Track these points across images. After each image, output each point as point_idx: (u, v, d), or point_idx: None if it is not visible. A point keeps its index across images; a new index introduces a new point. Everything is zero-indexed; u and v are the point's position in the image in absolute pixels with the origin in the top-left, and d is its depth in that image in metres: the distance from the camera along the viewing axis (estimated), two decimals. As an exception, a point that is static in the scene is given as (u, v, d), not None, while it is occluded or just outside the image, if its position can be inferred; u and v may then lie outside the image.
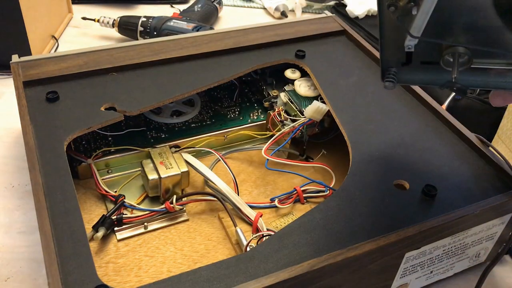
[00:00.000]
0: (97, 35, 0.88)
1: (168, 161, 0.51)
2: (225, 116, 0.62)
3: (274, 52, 0.62)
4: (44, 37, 0.80)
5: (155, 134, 0.58)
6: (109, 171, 0.54)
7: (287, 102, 0.59)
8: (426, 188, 0.45)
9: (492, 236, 0.48)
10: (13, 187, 0.57)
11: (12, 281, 0.47)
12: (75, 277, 0.36)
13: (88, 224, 0.47)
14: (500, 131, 0.57)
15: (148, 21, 0.82)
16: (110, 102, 0.52)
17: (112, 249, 0.47)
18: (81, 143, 0.55)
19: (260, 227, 0.48)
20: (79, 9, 0.93)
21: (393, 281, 0.45)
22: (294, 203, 0.52)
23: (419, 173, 0.47)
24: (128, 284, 0.43)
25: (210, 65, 0.58)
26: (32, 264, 0.48)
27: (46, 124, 0.48)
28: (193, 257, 0.47)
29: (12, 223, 0.52)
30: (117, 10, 0.96)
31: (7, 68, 0.66)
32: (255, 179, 0.56)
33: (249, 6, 1.03)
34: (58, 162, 0.44)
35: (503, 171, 0.48)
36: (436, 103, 0.56)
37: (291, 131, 0.56)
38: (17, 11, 0.69)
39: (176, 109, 0.61)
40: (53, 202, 0.41)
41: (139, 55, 0.58)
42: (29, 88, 0.52)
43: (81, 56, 0.57)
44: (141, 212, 0.49)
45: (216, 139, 0.59)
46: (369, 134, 0.51)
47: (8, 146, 0.62)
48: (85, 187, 0.52)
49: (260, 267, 0.38)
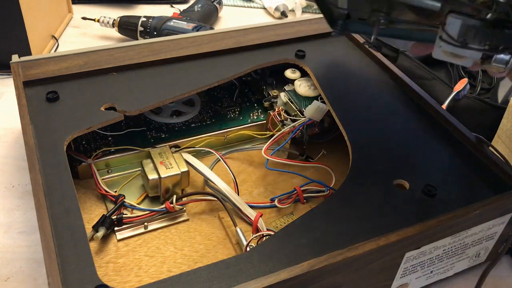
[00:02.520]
0: (97, 35, 0.88)
1: (168, 161, 0.51)
2: (225, 116, 0.62)
3: (274, 52, 0.62)
4: (44, 37, 0.81)
5: (155, 134, 0.58)
6: (109, 171, 0.54)
7: (287, 102, 0.59)
8: (426, 188, 0.45)
9: (492, 236, 0.48)
10: (13, 187, 0.57)
11: (12, 281, 0.47)
12: (75, 277, 0.36)
13: (88, 224, 0.47)
14: (500, 131, 0.57)
15: (148, 21, 0.82)
16: (110, 102, 0.52)
17: (112, 249, 0.47)
18: (81, 143, 0.55)
19: (260, 227, 0.48)
20: (79, 9, 0.93)
21: (393, 281, 0.45)
22: (294, 203, 0.52)
23: (419, 173, 0.47)
24: (128, 284, 0.43)
25: (210, 65, 0.58)
26: (32, 264, 0.48)
27: (46, 124, 0.48)
28: (193, 257, 0.47)
29: (12, 223, 0.52)
30: (117, 10, 0.96)
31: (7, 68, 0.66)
32: (255, 179, 0.56)
33: (249, 6, 1.03)
34: (58, 162, 0.44)
35: (503, 171, 0.48)
36: (436, 103, 0.56)
37: (291, 131, 0.56)
38: (17, 11, 0.70)
39: (176, 109, 0.61)
40: (53, 202, 0.41)
41: (139, 55, 0.58)
42: (29, 88, 0.52)
43: (81, 56, 0.57)
44: (141, 212, 0.49)
45: (216, 139, 0.59)
46: (369, 134, 0.51)
47: (8, 146, 0.62)
48: (85, 187, 0.52)
49: (260, 267, 0.38)
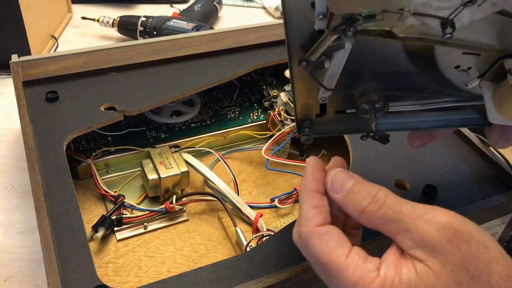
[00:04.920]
0: (97, 35, 0.88)
1: (168, 161, 0.51)
2: (225, 116, 0.62)
3: (274, 52, 0.62)
4: (44, 37, 0.80)
5: (155, 134, 0.58)
6: (109, 171, 0.54)
7: (287, 102, 0.59)
8: (426, 188, 0.45)
9: (492, 236, 0.48)
10: (13, 187, 0.56)
11: (12, 281, 0.47)
12: (75, 277, 0.36)
13: (88, 224, 0.47)
14: (500, 131, 0.57)
15: (148, 21, 0.82)
16: (110, 102, 0.52)
17: (112, 249, 0.46)
18: (81, 143, 0.55)
19: (260, 227, 0.47)
20: (79, 9, 0.93)
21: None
22: (294, 203, 0.52)
23: (419, 173, 0.47)
24: (128, 284, 0.43)
25: (210, 65, 0.58)
26: (32, 264, 0.48)
27: (46, 124, 0.48)
28: (193, 257, 0.46)
29: (12, 223, 0.52)
30: (117, 10, 0.96)
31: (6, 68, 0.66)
32: (255, 179, 0.56)
33: (249, 6, 1.03)
34: (58, 162, 0.44)
35: (503, 171, 0.48)
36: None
37: (291, 131, 0.56)
38: (17, 11, 0.69)
39: (176, 109, 0.61)
40: (53, 202, 0.41)
41: (138, 55, 0.58)
42: (29, 88, 0.52)
43: (81, 56, 0.57)
44: (141, 212, 0.49)
45: (216, 139, 0.59)
46: (369, 134, 0.51)
47: (8, 146, 0.62)
48: (84, 187, 0.52)
49: (260, 267, 0.38)
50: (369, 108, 0.36)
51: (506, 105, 0.33)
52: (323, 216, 0.30)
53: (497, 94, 0.34)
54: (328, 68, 0.33)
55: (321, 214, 0.30)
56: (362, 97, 0.37)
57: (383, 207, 0.28)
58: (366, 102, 0.36)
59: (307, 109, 0.38)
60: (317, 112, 0.39)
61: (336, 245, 0.28)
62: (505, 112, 0.34)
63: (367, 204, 0.29)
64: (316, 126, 0.39)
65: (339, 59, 0.32)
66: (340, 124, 0.40)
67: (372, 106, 0.36)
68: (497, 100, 0.34)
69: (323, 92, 0.36)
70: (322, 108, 0.39)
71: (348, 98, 0.38)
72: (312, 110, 0.39)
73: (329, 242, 0.29)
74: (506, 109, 0.33)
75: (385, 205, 0.28)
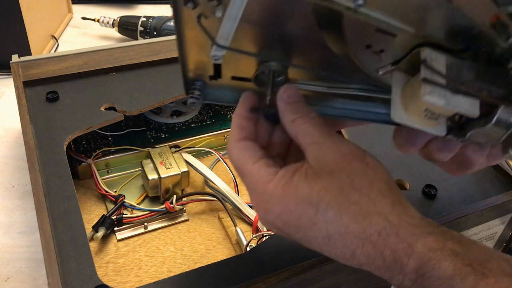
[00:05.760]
0: (97, 35, 0.88)
1: (168, 161, 0.51)
2: (225, 116, 0.62)
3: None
4: (44, 37, 0.81)
5: (155, 134, 0.58)
6: (109, 171, 0.54)
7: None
8: (426, 188, 0.45)
9: (492, 236, 0.48)
10: (13, 187, 0.57)
11: (12, 281, 0.47)
12: (75, 277, 0.36)
13: (88, 224, 0.47)
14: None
15: (148, 21, 0.82)
16: (110, 102, 0.52)
17: (112, 249, 0.46)
18: (81, 143, 0.55)
19: (260, 227, 0.47)
20: (79, 9, 0.93)
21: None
22: (294, 203, 0.52)
23: (419, 173, 0.47)
24: (128, 284, 0.43)
25: (210, 65, 0.58)
26: (32, 264, 0.48)
27: (46, 124, 0.48)
28: (193, 257, 0.47)
29: (12, 223, 0.52)
30: (117, 10, 0.96)
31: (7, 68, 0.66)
32: (255, 179, 0.56)
33: (249, 6, 1.03)
34: (58, 162, 0.44)
35: (503, 171, 0.48)
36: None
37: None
38: (17, 11, 0.70)
39: (176, 109, 0.61)
40: (53, 202, 0.41)
41: (139, 55, 0.58)
42: (29, 88, 0.52)
43: (81, 56, 0.57)
44: (141, 212, 0.49)
45: (216, 139, 0.59)
46: (369, 134, 0.51)
47: (8, 146, 0.62)
48: (85, 187, 0.52)
49: (260, 267, 0.38)
50: (268, 79, 0.32)
51: (414, 102, 0.29)
52: (244, 134, 0.33)
53: (407, 89, 0.30)
54: (222, 18, 0.28)
55: (243, 131, 0.33)
56: (261, 65, 0.32)
57: (309, 122, 0.32)
58: (265, 71, 0.32)
59: (200, 68, 0.33)
60: (211, 73, 0.33)
61: (250, 154, 0.32)
62: (411, 111, 0.29)
63: (298, 116, 0.32)
64: (209, 90, 0.34)
65: (235, 9, 0.27)
66: (236, 93, 0.34)
67: (272, 78, 0.32)
68: (406, 96, 0.29)
69: (216, 49, 0.30)
70: (216, 69, 0.33)
71: (249, 64, 0.33)
72: (206, 70, 0.33)
73: (243, 151, 0.32)
74: (413, 107, 0.29)
75: (311, 122, 0.32)
